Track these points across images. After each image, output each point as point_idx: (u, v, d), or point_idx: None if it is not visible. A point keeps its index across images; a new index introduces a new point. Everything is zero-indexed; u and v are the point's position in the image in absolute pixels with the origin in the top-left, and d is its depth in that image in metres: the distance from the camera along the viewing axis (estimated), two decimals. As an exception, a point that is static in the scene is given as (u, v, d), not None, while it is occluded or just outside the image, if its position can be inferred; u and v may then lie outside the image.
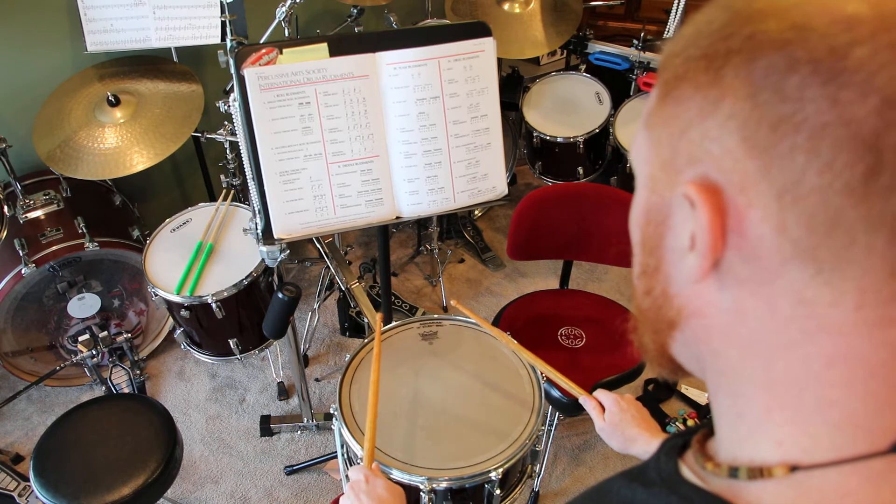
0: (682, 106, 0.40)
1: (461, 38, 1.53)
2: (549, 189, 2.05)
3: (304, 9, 2.62)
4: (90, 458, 1.66)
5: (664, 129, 0.41)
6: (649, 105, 0.44)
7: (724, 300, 0.40)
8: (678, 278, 0.42)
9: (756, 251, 0.37)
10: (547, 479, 2.17)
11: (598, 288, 2.84)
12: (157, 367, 2.56)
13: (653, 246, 0.44)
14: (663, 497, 0.44)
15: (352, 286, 2.04)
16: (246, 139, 1.47)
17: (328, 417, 2.31)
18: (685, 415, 2.31)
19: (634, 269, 0.47)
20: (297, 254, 2.96)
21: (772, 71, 0.35)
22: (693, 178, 0.39)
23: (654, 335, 0.47)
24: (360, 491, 1.00)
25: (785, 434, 0.40)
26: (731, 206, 0.37)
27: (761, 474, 0.40)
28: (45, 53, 2.29)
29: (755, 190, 0.36)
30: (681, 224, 0.40)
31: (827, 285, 0.36)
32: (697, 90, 0.38)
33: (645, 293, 0.46)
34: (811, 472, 0.38)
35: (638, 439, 1.04)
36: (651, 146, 0.43)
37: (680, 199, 0.40)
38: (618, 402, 1.08)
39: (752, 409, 0.41)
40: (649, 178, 0.43)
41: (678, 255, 0.41)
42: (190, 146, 2.53)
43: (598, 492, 0.49)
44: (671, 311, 0.44)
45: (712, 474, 0.43)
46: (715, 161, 0.38)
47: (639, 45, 2.67)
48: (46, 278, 2.21)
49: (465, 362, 1.51)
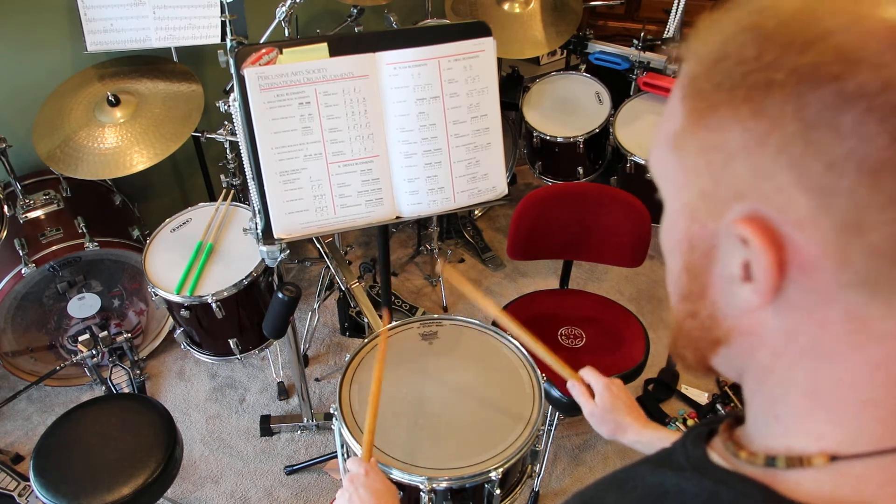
0: (721, 136, 0.39)
1: (461, 38, 1.53)
2: (549, 189, 2.05)
3: (304, 9, 2.62)
4: (90, 458, 1.66)
5: (701, 157, 0.41)
6: (674, 126, 0.43)
7: (777, 322, 0.41)
8: (728, 304, 0.43)
9: (815, 283, 0.38)
10: (547, 479, 2.17)
11: (598, 288, 2.84)
12: (157, 367, 2.56)
13: (698, 273, 0.44)
14: (696, 480, 0.45)
15: (352, 286, 2.04)
16: (246, 139, 1.47)
17: (328, 417, 2.31)
18: (685, 415, 2.31)
19: (674, 291, 0.47)
20: (297, 254, 2.96)
21: (824, 108, 0.34)
22: (743, 214, 0.38)
23: (696, 351, 0.47)
24: (359, 484, 1.00)
25: (825, 430, 0.41)
26: (788, 243, 0.37)
27: (800, 463, 0.41)
28: (45, 53, 2.29)
29: (814, 227, 0.36)
30: (729, 255, 0.41)
31: (884, 304, 0.37)
32: (738, 121, 0.38)
33: (689, 316, 0.46)
34: (851, 462, 0.39)
35: (629, 427, 1.02)
36: (685, 172, 0.43)
37: (727, 232, 0.40)
38: (609, 387, 1.05)
39: (791, 412, 0.42)
40: (686, 205, 0.43)
41: (727, 282, 0.42)
42: (190, 146, 2.53)
43: (617, 480, 0.50)
44: (719, 332, 0.44)
45: (746, 462, 0.44)
46: (766, 197, 0.37)
47: (639, 45, 2.67)
48: (46, 278, 2.21)
49: (465, 362, 1.51)
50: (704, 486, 0.44)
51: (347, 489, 1.01)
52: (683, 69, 0.43)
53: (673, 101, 0.44)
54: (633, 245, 2.00)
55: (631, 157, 2.53)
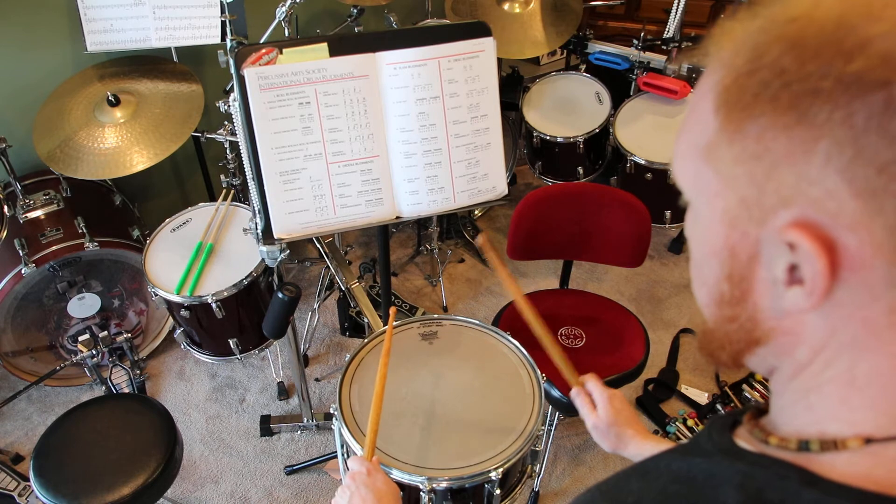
0: (762, 144, 0.39)
1: (461, 38, 1.53)
2: (549, 189, 2.05)
3: (304, 9, 2.62)
4: (90, 458, 1.66)
5: (740, 166, 0.41)
6: (705, 136, 0.43)
7: (820, 321, 0.41)
8: (772, 308, 0.43)
9: (865, 282, 0.38)
10: (547, 479, 2.17)
11: (598, 288, 2.84)
12: (157, 367, 2.56)
13: (741, 279, 0.44)
14: (727, 464, 0.45)
15: (352, 286, 2.04)
16: (246, 139, 1.47)
17: (328, 417, 2.32)
18: (685, 415, 2.30)
19: (709, 297, 0.48)
20: (297, 254, 2.96)
21: (873, 113, 0.35)
22: (792, 220, 0.39)
23: (731, 352, 0.48)
24: (360, 483, 1.00)
25: (860, 417, 0.42)
26: (840, 246, 0.38)
27: (835, 446, 0.42)
28: (45, 53, 2.29)
29: (866, 229, 0.37)
30: (773, 259, 0.41)
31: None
32: (782, 130, 0.38)
33: (727, 320, 0.46)
34: (887, 444, 0.40)
35: (631, 441, 1.02)
36: (722, 181, 0.43)
37: (773, 238, 0.40)
38: (611, 401, 1.06)
39: (826, 401, 0.43)
40: (725, 212, 0.43)
41: (770, 286, 0.42)
42: (190, 146, 2.53)
43: (640, 469, 0.50)
44: (758, 333, 0.45)
45: (777, 447, 0.45)
46: (814, 203, 0.38)
47: (639, 45, 2.67)
48: (46, 278, 2.21)
49: (465, 362, 1.51)
50: (737, 469, 0.44)
51: (349, 487, 1.00)
52: (709, 79, 0.43)
53: (700, 111, 0.44)
54: (633, 245, 2.00)
55: (631, 157, 2.53)
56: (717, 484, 0.44)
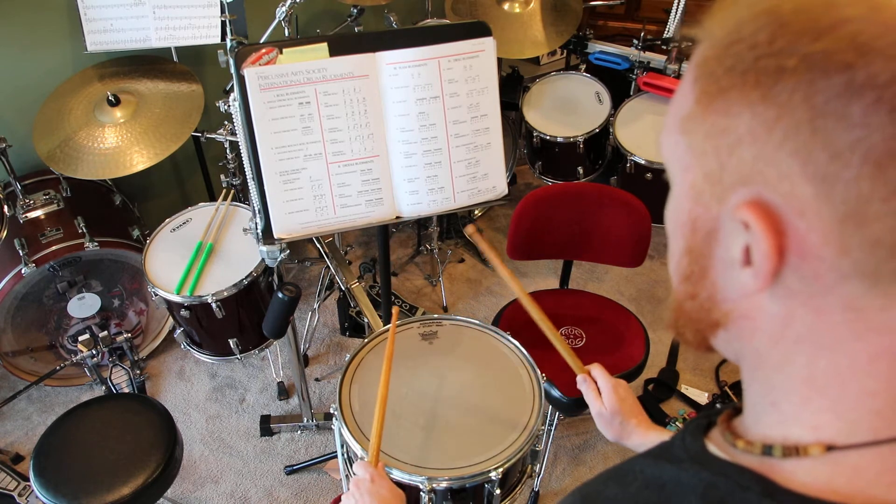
0: (729, 120, 0.39)
1: (461, 38, 1.53)
2: (549, 189, 2.05)
3: (304, 9, 2.62)
4: (90, 458, 1.66)
5: (708, 140, 0.41)
6: (684, 109, 0.43)
7: (774, 307, 0.41)
8: (728, 287, 0.43)
9: (815, 271, 0.38)
10: (547, 479, 2.17)
11: (598, 288, 2.84)
12: (157, 367, 2.56)
13: (699, 255, 0.44)
14: (694, 472, 0.45)
15: (352, 286, 2.04)
16: (246, 139, 1.47)
17: (328, 417, 2.32)
18: (685, 414, 2.31)
19: (675, 272, 0.48)
20: (297, 254, 2.96)
21: (833, 96, 0.34)
22: (746, 199, 0.39)
23: (695, 332, 0.48)
24: (364, 490, 0.99)
25: (822, 420, 0.41)
26: (790, 229, 0.37)
27: (796, 452, 0.41)
28: (45, 53, 2.29)
29: (816, 215, 0.36)
30: (730, 238, 0.41)
31: (882, 296, 0.37)
32: (747, 106, 0.38)
33: (689, 297, 0.46)
34: (847, 452, 0.40)
35: (634, 431, 1.02)
36: (692, 154, 0.43)
37: (730, 215, 0.40)
38: (616, 389, 1.05)
39: (788, 400, 0.43)
40: (691, 186, 0.43)
41: (727, 265, 0.42)
42: (190, 146, 2.53)
43: (618, 473, 0.50)
44: (717, 314, 0.45)
45: (743, 451, 0.44)
46: (770, 184, 0.37)
47: (639, 44, 2.67)
48: (46, 278, 2.21)
49: (464, 362, 1.51)
50: (702, 478, 0.44)
51: (353, 495, 1.00)
52: (697, 51, 0.43)
53: (685, 83, 0.44)
54: (633, 245, 2.00)
55: (631, 156, 2.53)
56: (683, 493, 0.44)
